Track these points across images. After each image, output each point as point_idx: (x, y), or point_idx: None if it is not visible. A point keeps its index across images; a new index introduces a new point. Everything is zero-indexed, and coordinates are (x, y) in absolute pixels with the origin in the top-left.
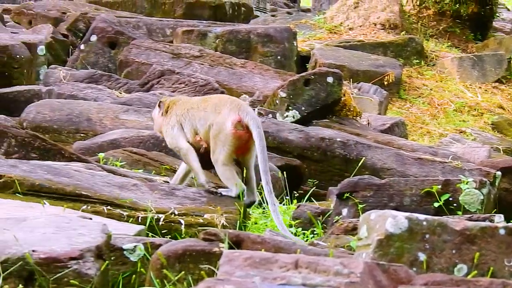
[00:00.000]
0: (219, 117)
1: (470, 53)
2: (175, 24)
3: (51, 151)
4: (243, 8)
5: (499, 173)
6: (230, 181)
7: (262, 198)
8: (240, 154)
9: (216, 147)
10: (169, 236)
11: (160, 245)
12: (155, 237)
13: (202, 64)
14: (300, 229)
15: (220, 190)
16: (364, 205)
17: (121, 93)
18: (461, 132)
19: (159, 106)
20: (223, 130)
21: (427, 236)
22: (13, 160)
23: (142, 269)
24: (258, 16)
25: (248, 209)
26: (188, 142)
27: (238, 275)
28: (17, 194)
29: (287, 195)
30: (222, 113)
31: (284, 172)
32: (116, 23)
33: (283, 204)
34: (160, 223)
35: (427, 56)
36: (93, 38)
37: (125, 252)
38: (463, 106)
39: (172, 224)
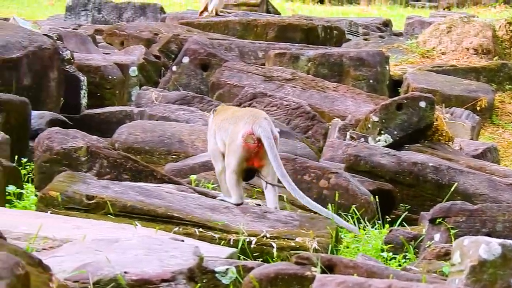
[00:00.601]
0: (235, 128)
1: None
2: (267, 46)
3: (143, 173)
4: (335, 31)
5: None
6: (233, 190)
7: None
8: (255, 165)
9: (227, 156)
10: (261, 259)
11: (252, 268)
12: (247, 260)
13: (294, 87)
14: (391, 253)
15: (221, 196)
16: (456, 230)
17: None
18: None
19: (212, 112)
20: (234, 141)
21: None
22: (105, 181)
23: None
24: (350, 39)
25: (340, 233)
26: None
27: None
28: (109, 215)
29: (379, 220)
30: (238, 125)
31: (376, 197)
32: (208, 45)
33: (375, 229)
34: (252, 246)
35: None
36: (185, 59)
37: (217, 274)
38: None
39: (264, 247)
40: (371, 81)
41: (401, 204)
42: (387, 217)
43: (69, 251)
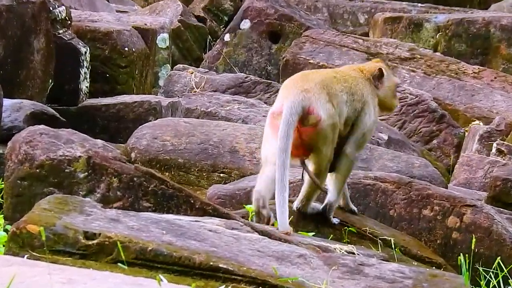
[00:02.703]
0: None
1: None
2: (374, 6)
3: (174, 199)
4: None
5: None
6: None
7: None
8: (299, 154)
9: None
10: None
11: None
12: None
13: (414, 71)
14: None
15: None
16: None
17: None
18: None
19: None
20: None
21: None
22: (115, 211)
23: None
24: None
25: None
26: None
27: None
28: (119, 263)
29: None
30: (275, 102)
31: None
32: (281, 2)
33: None
34: None
35: None
36: (245, 24)
37: None
38: None
39: None
40: None
41: None
42: None
43: None
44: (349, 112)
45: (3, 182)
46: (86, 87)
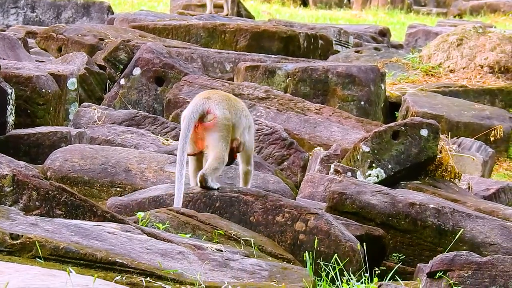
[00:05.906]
0: None
1: None
2: (237, 57)
3: (80, 208)
4: (320, 41)
5: None
6: None
7: None
8: (199, 147)
9: None
10: None
11: None
12: None
13: (269, 108)
14: None
15: None
16: (460, 287)
17: (167, 140)
18: None
19: None
20: None
21: None
22: (34, 217)
23: None
24: (338, 51)
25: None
26: None
27: None
28: (37, 259)
29: (367, 272)
30: None
31: (364, 244)
32: (165, 54)
33: (361, 282)
34: None
35: None
36: (136, 71)
37: None
38: None
39: None
40: (362, 102)
41: (393, 254)
42: (376, 269)
43: None
44: (245, 124)
45: None
46: (12, 120)
